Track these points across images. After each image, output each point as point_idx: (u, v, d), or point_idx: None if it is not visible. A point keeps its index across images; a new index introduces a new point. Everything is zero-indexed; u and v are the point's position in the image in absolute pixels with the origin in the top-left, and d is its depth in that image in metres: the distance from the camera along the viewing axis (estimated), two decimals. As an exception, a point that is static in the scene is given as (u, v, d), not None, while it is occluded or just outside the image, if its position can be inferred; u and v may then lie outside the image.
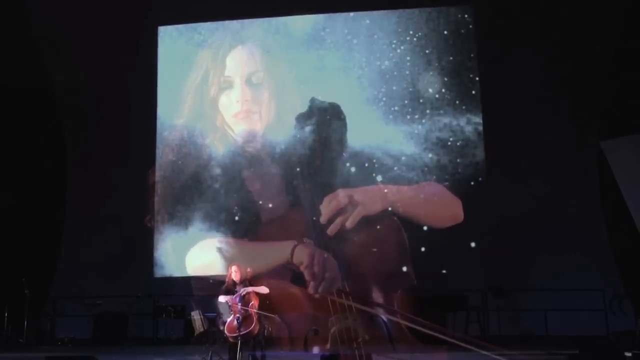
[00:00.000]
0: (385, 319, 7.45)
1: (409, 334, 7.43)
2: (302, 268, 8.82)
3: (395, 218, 9.06)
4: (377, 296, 7.70)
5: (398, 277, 7.87)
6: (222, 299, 6.82)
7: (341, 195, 9.51)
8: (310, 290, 8.57)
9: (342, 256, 8.38)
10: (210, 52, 10.59)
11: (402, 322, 7.15)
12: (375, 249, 8.37)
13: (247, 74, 10.40)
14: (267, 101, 10.32)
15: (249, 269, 7.04)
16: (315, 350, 7.39)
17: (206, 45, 10.64)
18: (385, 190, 9.58)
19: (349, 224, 9.27)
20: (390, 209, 9.50)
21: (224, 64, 10.50)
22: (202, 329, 7.10)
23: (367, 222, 9.22)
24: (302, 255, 8.91)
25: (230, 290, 6.85)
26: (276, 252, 9.15)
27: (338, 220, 9.11)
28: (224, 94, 10.43)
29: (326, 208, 9.35)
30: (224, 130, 10.40)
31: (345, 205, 9.36)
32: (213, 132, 10.45)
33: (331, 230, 8.95)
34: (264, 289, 6.89)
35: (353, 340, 7.08)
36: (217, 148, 10.42)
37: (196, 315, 7.16)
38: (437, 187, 9.62)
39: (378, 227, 8.94)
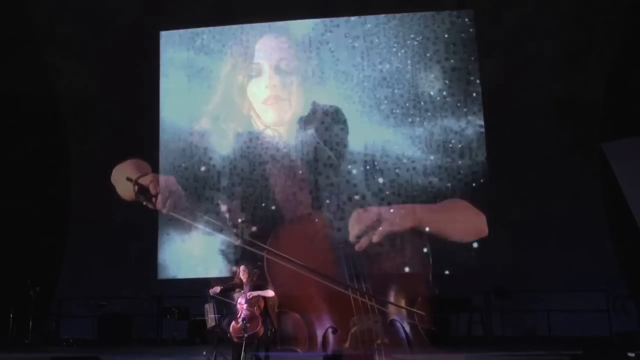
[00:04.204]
0: (402, 323, 7.45)
1: (426, 340, 7.45)
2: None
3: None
4: (398, 302, 7.73)
5: (419, 285, 7.87)
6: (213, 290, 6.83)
7: (371, 212, 9.55)
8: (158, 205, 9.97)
9: (362, 261, 8.43)
10: (239, 41, 10.63)
11: (417, 322, 7.22)
12: (396, 254, 8.44)
13: (276, 61, 10.44)
14: (296, 90, 10.35)
15: (255, 270, 7.07)
16: (331, 349, 7.35)
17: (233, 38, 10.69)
18: (414, 209, 9.60)
19: (374, 238, 9.34)
20: (417, 226, 9.50)
21: (252, 51, 10.55)
22: (214, 323, 7.06)
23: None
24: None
25: (236, 288, 6.87)
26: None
27: (365, 238, 9.22)
28: (252, 81, 10.47)
29: (355, 224, 9.38)
30: (252, 119, 10.43)
31: (373, 223, 9.42)
32: (239, 121, 10.47)
33: (360, 246, 9.07)
34: (269, 293, 6.94)
35: (373, 341, 7.08)
36: (221, 146, 10.44)
37: (210, 308, 7.09)
38: (462, 204, 9.65)
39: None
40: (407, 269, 8.75)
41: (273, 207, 10.06)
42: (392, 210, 9.59)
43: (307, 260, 8.16)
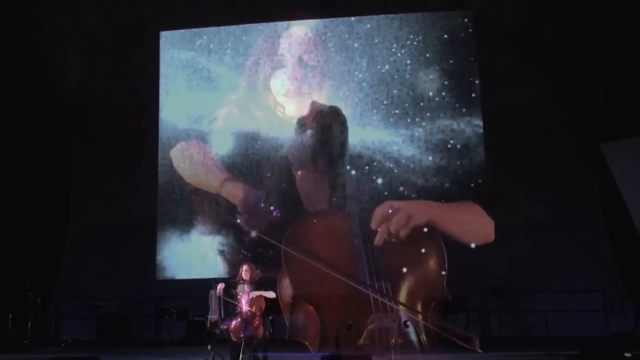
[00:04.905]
0: (416, 326, 7.45)
1: (438, 344, 7.47)
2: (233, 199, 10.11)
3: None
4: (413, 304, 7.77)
5: (435, 289, 7.90)
6: (219, 288, 6.83)
7: (392, 206, 9.52)
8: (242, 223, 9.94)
9: (382, 260, 8.45)
10: (264, 33, 10.62)
11: (430, 326, 7.24)
12: (415, 259, 8.45)
13: (300, 54, 10.42)
14: (319, 84, 10.33)
15: (258, 270, 7.10)
16: (342, 345, 7.34)
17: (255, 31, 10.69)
18: (430, 205, 9.67)
19: (402, 233, 9.36)
20: (434, 220, 9.47)
21: (277, 43, 10.53)
22: (217, 318, 6.99)
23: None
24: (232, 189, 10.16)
25: (237, 287, 6.88)
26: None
27: (383, 229, 9.22)
28: (275, 74, 10.45)
29: (378, 219, 9.30)
30: (276, 111, 10.43)
31: (393, 216, 9.43)
32: (264, 112, 10.47)
33: (378, 240, 9.12)
34: (271, 294, 6.95)
35: (389, 340, 7.07)
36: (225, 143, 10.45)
37: (214, 296, 6.98)
38: (476, 207, 9.70)
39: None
40: (423, 272, 8.78)
41: (272, 208, 10.08)
42: (410, 205, 9.60)
43: (326, 255, 8.16)
